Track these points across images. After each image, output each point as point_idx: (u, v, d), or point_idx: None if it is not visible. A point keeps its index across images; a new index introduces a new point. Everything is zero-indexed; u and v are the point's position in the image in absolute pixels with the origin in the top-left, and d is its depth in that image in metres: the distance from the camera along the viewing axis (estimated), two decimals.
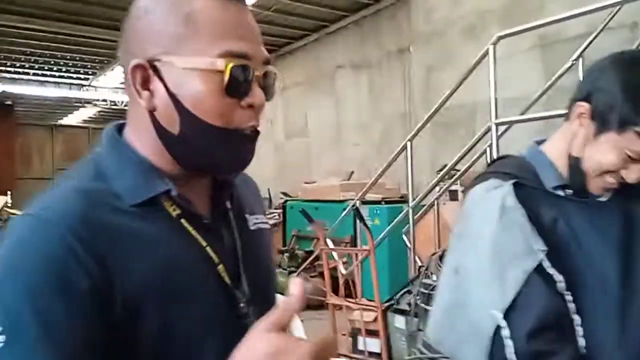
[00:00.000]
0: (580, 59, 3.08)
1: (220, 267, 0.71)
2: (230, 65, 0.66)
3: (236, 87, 0.67)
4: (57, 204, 0.63)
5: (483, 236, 0.98)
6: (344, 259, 4.27)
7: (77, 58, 9.63)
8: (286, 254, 6.30)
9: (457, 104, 5.90)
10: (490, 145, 2.95)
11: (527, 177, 1.03)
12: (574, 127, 1.02)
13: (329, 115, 8.45)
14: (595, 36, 3.42)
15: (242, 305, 0.72)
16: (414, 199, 3.70)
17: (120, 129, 0.75)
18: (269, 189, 8.27)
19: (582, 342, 0.94)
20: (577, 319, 0.94)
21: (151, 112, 0.69)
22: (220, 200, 0.77)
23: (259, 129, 0.72)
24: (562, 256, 0.96)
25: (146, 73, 0.68)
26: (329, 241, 3.89)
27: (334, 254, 3.72)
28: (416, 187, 3.99)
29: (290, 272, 5.69)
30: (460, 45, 6.21)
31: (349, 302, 3.24)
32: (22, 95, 11.74)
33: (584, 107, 1.00)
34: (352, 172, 7.43)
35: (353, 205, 3.70)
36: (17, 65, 10.05)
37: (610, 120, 0.96)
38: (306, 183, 7.47)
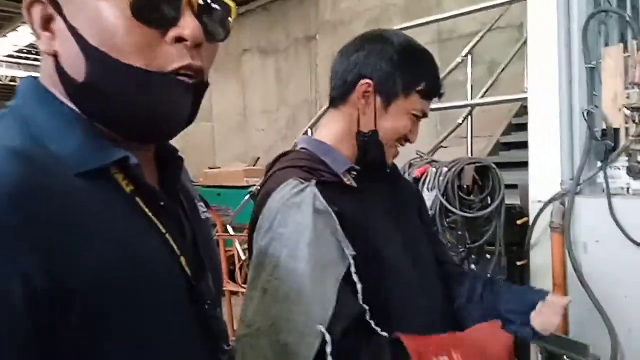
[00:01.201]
0: (470, 56, 3.25)
1: (182, 259, 0.58)
2: None
3: (147, 9, 0.51)
4: None
5: (300, 246, 0.88)
6: (245, 246, 4.22)
7: None
8: None
9: None
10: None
11: (319, 168, 1.02)
12: (357, 108, 1.06)
13: (235, 100, 8.29)
14: (484, 34, 3.61)
15: (207, 306, 0.60)
16: None
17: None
18: None
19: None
20: (377, 330, 0.92)
21: (55, 57, 0.54)
22: (170, 179, 0.63)
23: (205, 79, 0.57)
24: (367, 246, 0.97)
25: (46, 11, 0.54)
26: (229, 227, 3.82)
27: (234, 240, 3.66)
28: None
29: None
30: None
31: (245, 288, 3.22)
32: None
33: (367, 84, 1.05)
34: (258, 159, 7.36)
35: (251, 192, 3.65)
36: None
37: (395, 89, 1.04)
38: (210, 168, 7.29)
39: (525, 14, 2.09)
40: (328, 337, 0.84)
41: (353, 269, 0.90)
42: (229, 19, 0.59)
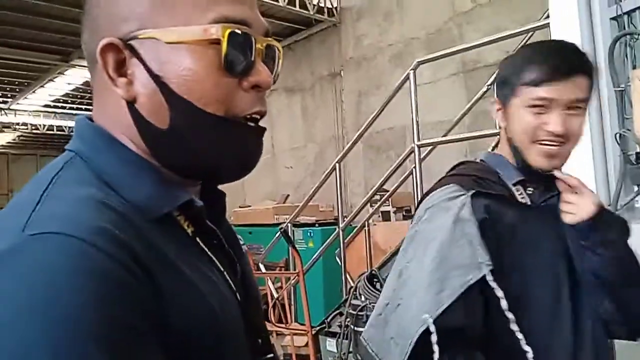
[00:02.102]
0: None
1: (238, 295, 0.59)
2: (228, 31, 0.53)
3: (237, 62, 0.54)
4: (81, 215, 0.45)
5: (433, 243, 0.98)
6: (278, 284, 4.21)
7: None
8: None
9: (387, 128, 6.08)
10: (415, 167, 3.02)
11: (489, 178, 1.06)
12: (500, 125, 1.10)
13: (264, 138, 8.43)
14: None
15: (260, 341, 0.61)
16: (344, 220, 3.72)
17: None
18: None
19: (529, 351, 0.95)
20: (520, 336, 0.94)
21: (130, 103, 0.54)
22: (215, 213, 0.62)
23: (261, 124, 0.58)
24: (518, 261, 0.99)
25: (120, 55, 0.54)
26: (260, 265, 3.83)
27: (266, 278, 3.66)
28: (351, 209, 4.01)
29: None
30: (388, 70, 6.43)
31: (279, 327, 3.19)
32: None
33: (496, 101, 1.08)
34: (288, 196, 7.41)
35: (281, 229, 3.66)
36: None
37: (505, 93, 1.05)
38: (241, 207, 7.36)
39: (549, 38, 2.09)
40: (433, 327, 0.91)
41: (489, 277, 0.94)
42: (280, 61, 0.62)
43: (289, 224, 4.22)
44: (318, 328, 3.32)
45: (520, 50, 1.10)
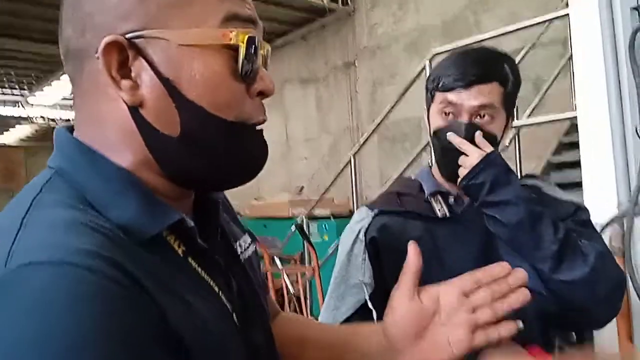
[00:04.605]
0: None
1: (234, 316, 0.56)
2: (247, 36, 0.51)
3: (249, 68, 0.52)
4: (69, 240, 0.42)
5: (337, 265, 1.08)
6: (294, 277, 4.23)
7: (12, 73, 9.20)
8: None
9: (403, 118, 6.02)
10: (431, 159, 2.99)
11: (410, 193, 1.10)
12: None
13: (278, 129, 8.42)
14: (527, 52, 3.55)
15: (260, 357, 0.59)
16: None
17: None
18: None
19: None
20: None
21: (134, 108, 0.50)
22: (209, 227, 0.59)
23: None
24: (424, 272, 1.00)
25: (124, 54, 0.49)
26: (276, 259, 3.84)
27: (282, 272, 3.66)
28: (366, 201, 3.98)
29: None
30: (403, 59, 6.36)
31: None
32: None
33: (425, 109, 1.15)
34: (302, 188, 7.41)
35: (296, 223, 3.65)
36: None
37: (428, 99, 1.10)
38: (256, 200, 7.38)
39: (569, 28, 2.04)
40: None
41: (367, 297, 1.00)
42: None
43: (304, 217, 4.22)
44: None
45: (442, 60, 1.12)
